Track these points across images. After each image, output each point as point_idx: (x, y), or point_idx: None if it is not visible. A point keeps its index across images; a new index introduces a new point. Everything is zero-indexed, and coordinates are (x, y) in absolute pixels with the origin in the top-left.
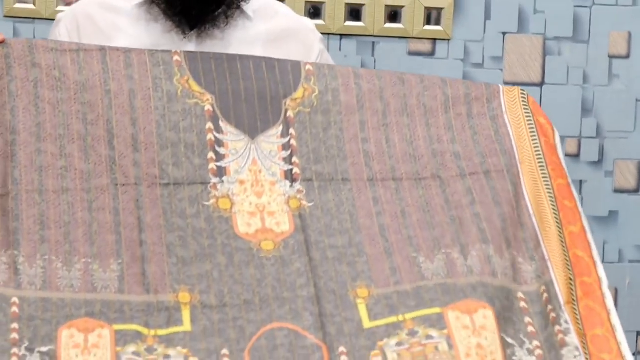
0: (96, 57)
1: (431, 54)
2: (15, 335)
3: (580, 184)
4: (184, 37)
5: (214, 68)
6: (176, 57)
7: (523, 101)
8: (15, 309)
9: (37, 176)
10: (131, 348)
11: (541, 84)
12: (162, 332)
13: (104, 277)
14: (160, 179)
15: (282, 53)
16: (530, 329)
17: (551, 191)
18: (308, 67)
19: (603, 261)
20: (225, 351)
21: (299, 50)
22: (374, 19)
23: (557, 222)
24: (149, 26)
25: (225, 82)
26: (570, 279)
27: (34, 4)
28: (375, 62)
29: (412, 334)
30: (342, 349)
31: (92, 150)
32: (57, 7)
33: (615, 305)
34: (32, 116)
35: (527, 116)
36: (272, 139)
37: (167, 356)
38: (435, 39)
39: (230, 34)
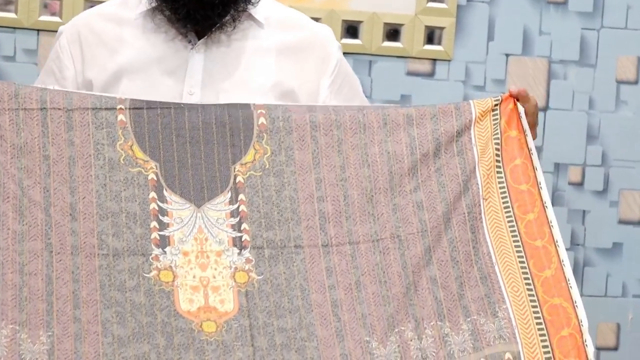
0: (36, 118)
1: (431, 74)
2: None
3: (583, 214)
4: (192, 47)
5: (160, 128)
6: (121, 117)
7: (494, 121)
8: None
9: None
10: None
11: (545, 109)
12: None
13: (32, 349)
14: (98, 248)
15: (296, 66)
16: None
17: (517, 238)
18: (261, 120)
19: (605, 295)
20: None
21: (315, 63)
22: (371, 36)
23: (525, 278)
24: (155, 37)
25: (171, 147)
26: (545, 347)
27: (16, 13)
28: (372, 81)
29: None
30: None
31: (27, 211)
32: (39, 16)
33: (617, 341)
34: None
35: (495, 145)
36: (219, 206)
37: None
38: (435, 59)
39: (240, 43)
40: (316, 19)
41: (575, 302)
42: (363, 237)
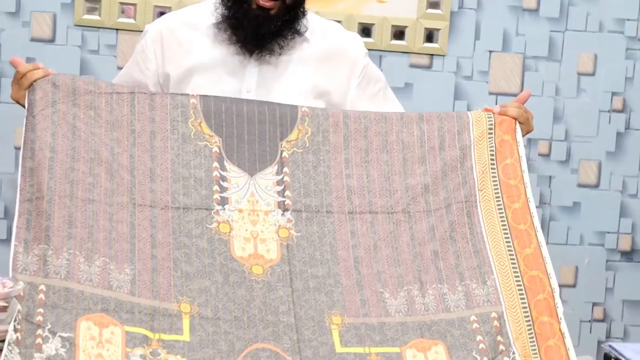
0: (126, 100)
1: (429, 67)
2: (40, 319)
3: (550, 179)
4: (249, 57)
5: (223, 109)
6: (192, 100)
7: (490, 128)
8: (42, 295)
9: (68, 187)
10: (139, 351)
11: None
12: (165, 336)
13: (119, 278)
14: (172, 203)
15: (331, 70)
16: (481, 345)
17: (505, 221)
18: (304, 109)
19: (566, 243)
20: None
21: (346, 68)
22: (382, 36)
23: (510, 254)
24: (220, 44)
25: (232, 125)
26: (525, 308)
27: (99, 15)
28: (382, 72)
29: None
30: None
31: (117, 173)
32: (118, 18)
33: (576, 280)
34: (69, 141)
35: (490, 147)
36: (268, 176)
37: None
38: (432, 55)
39: (288, 54)
40: (338, 21)
41: (550, 274)
42: (381, 209)
